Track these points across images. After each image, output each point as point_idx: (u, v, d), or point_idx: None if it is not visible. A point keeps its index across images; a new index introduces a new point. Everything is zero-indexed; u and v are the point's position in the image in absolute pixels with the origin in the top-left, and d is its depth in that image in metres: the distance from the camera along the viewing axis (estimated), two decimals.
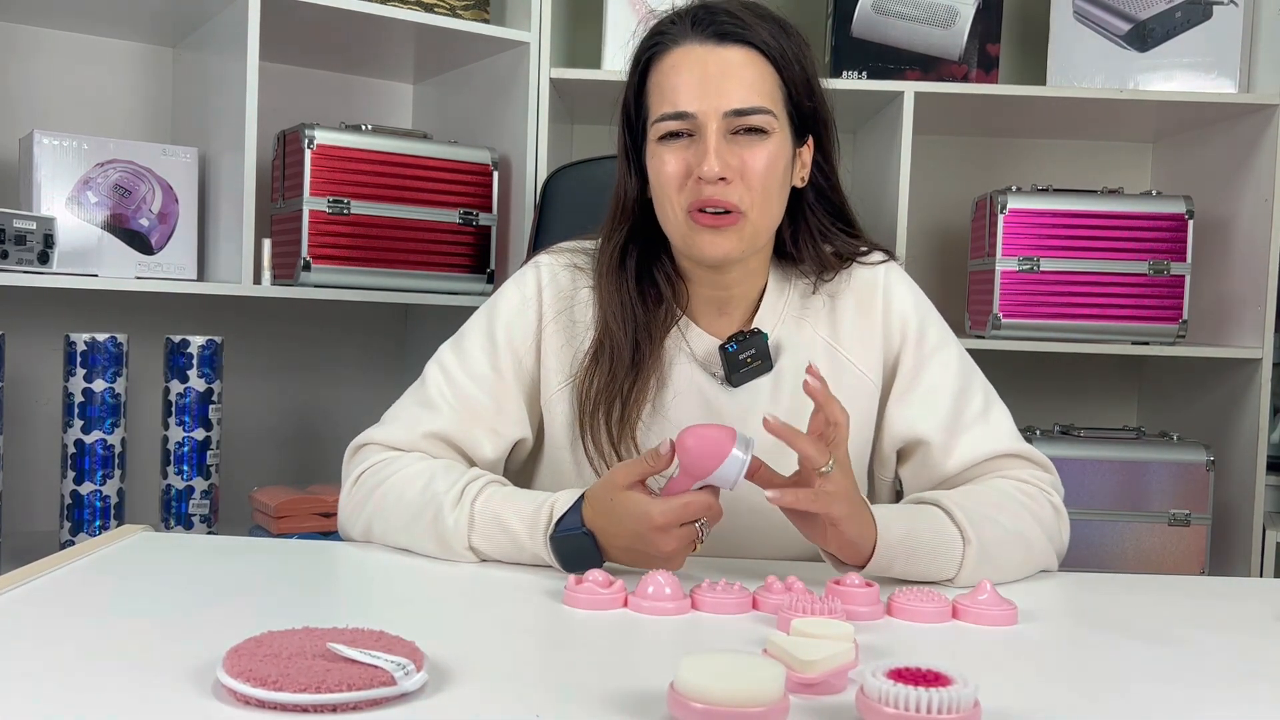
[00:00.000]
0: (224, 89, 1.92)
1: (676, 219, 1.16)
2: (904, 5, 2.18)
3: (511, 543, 1.08)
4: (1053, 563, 1.17)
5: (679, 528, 1.01)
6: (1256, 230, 2.16)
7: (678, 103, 1.13)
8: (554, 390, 1.24)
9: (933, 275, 2.49)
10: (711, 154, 1.11)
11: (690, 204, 1.13)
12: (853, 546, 1.03)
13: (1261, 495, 2.12)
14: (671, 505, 1.00)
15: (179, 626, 0.85)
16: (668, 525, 1.00)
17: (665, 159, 1.15)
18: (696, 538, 1.03)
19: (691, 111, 1.13)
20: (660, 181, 1.16)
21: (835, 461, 0.99)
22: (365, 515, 1.17)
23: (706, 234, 1.14)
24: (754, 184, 1.13)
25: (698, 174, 1.12)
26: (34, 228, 1.74)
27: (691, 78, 1.13)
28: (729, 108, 1.12)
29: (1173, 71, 2.17)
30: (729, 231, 1.14)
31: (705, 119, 1.12)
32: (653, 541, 1.01)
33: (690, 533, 1.02)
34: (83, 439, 1.76)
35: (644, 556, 1.03)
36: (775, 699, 0.66)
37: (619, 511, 1.02)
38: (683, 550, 1.03)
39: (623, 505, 1.02)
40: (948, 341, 1.27)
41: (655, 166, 1.16)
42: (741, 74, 1.13)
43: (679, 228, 1.16)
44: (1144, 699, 0.78)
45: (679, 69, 1.14)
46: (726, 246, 1.14)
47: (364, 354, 2.40)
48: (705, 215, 1.13)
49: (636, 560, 1.04)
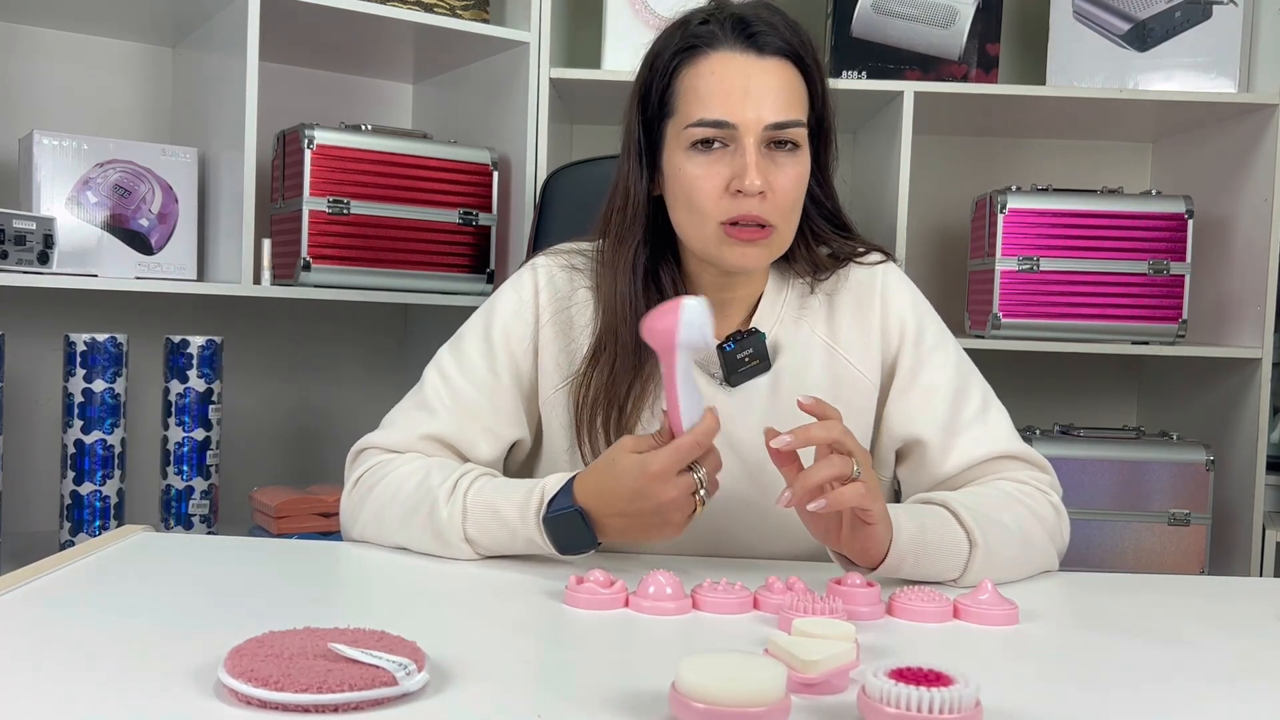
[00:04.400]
0: (224, 89, 1.92)
1: (706, 230, 1.14)
2: (904, 5, 2.18)
3: (505, 529, 1.08)
4: (1054, 563, 1.17)
5: (677, 476, 1.01)
6: (1256, 230, 2.16)
7: (719, 112, 1.12)
8: (551, 392, 1.24)
9: (932, 275, 2.49)
10: (753, 168, 1.10)
11: (727, 218, 1.13)
12: (876, 546, 1.02)
13: (1261, 495, 2.12)
14: (664, 451, 1.00)
15: (179, 627, 0.85)
16: (664, 472, 1.00)
17: (697, 168, 1.13)
18: (696, 490, 1.02)
19: (733, 123, 1.12)
20: (691, 189, 1.14)
21: (859, 461, 0.99)
22: (364, 516, 1.18)
23: (739, 247, 1.14)
24: (785, 200, 1.13)
25: (737, 187, 1.11)
26: (34, 228, 1.74)
27: (734, 88, 1.12)
28: (769, 121, 1.12)
29: (1172, 71, 2.18)
30: (761, 245, 1.14)
31: (745, 131, 1.11)
32: (651, 493, 1.00)
33: (689, 482, 1.01)
34: (83, 439, 1.76)
35: (642, 523, 1.02)
36: (776, 699, 0.66)
37: (618, 469, 1.02)
38: (683, 504, 1.02)
39: (621, 465, 1.02)
40: (946, 341, 1.27)
41: (685, 173, 1.14)
42: (780, 87, 1.13)
43: (709, 238, 1.15)
44: (1144, 699, 0.78)
45: (719, 77, 1.13)
46: (758, 257, 1.15)
47: (364, 354, 2.40)
48: (740, 230, 1.13)
49: (633, 530, 1.04)
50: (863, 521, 1.01)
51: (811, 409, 1.01)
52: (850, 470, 0.97)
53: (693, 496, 1.02)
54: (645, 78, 1.19)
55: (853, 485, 0.97)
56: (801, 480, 0.98)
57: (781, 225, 1.15)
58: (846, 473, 0.97)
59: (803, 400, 1.01)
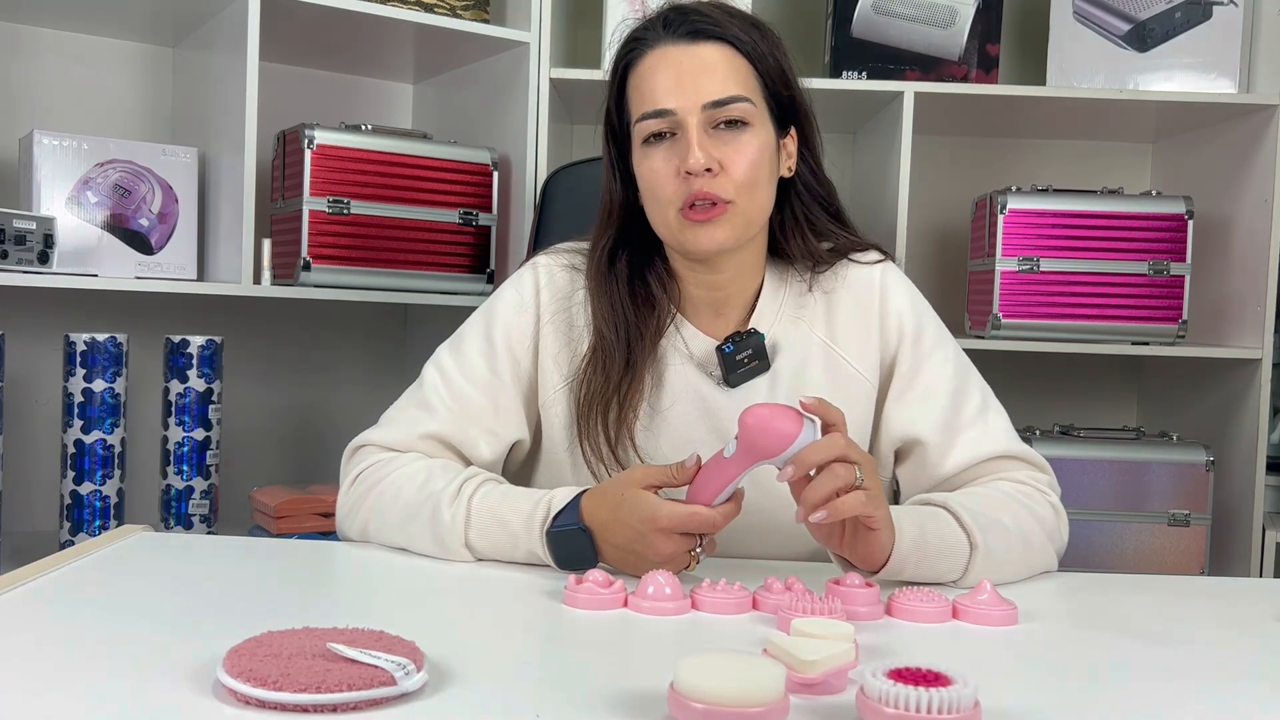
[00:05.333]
0: (224, 89, 1.92)
1: (667, 219, 1.16)
2: (904, 5, 2.18)
3: (508, 539, 1.08)
4: (1053, 563, 1.17)
5: (679, 536, 1.02)
6: (1256, 230, 2.16)
7: (657, 101, 1.15)
8: (552, 392, 1.24)
9: (932, 275, 2.49)
10: (694, 146, 1.12)
11: (682, 202, 1.14)
12: (879, 550, 1.02)
13: (1261, 495, 2.12)
14: (679, 511, 1.00)
15: (179, 626, 0.85)
16: (670, 530, 1.01)
17: (652, 161, 1.16)
18: (691, 551, 1.03)
19: (670, 108, 1.14)
20: (650, 183, 1.17)
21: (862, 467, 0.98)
22: (362, 514, 1.18)
23: (697, 228, 1.15)
24: (739, 174, 1.14)
25: (684, 169, 1.13)
26: (34, 228, 1.74)
27: (668, 76, 1.15)
28: (707, 100, 1.14)
29: (1172, 72, 2.17)
30: (720, 221, 1.15)
31: (685, 114, 1.14)
32: (651, 543, 1.01)
33: (689, 543, 1.03)
34: (82, 439, 1.76)
35: (637, 560, 1.03)
36: (775, 699, 0.66)
37: (626, 506, 1.02)
38: (677, 560, 1.03)
39: (632, 501, 1.02)
40: (945, 342, 1.27)
41: (643, 170, 1.17)
42: (716, 68, 1.15)
43: (671, 227, 1.17)
44: (1144, 699, 0.78)
45: (655, 70, 1.16)
46: (720, 236, 1.15)
47: (364, 354, 2.40)
48: (695, 211, 1.14)
49: (627, 563, 1.04)
50: (866, 527, 1.01)
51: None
52: (853, 479, 0.97)
53: (688, 553, 1.03)
54: (607, 92, 1.24)
55: (855, 494, 0.97)
56: (806, 496, 0.98)
57: (740, 199, 1.15)
58: (850, 481, 0.97)
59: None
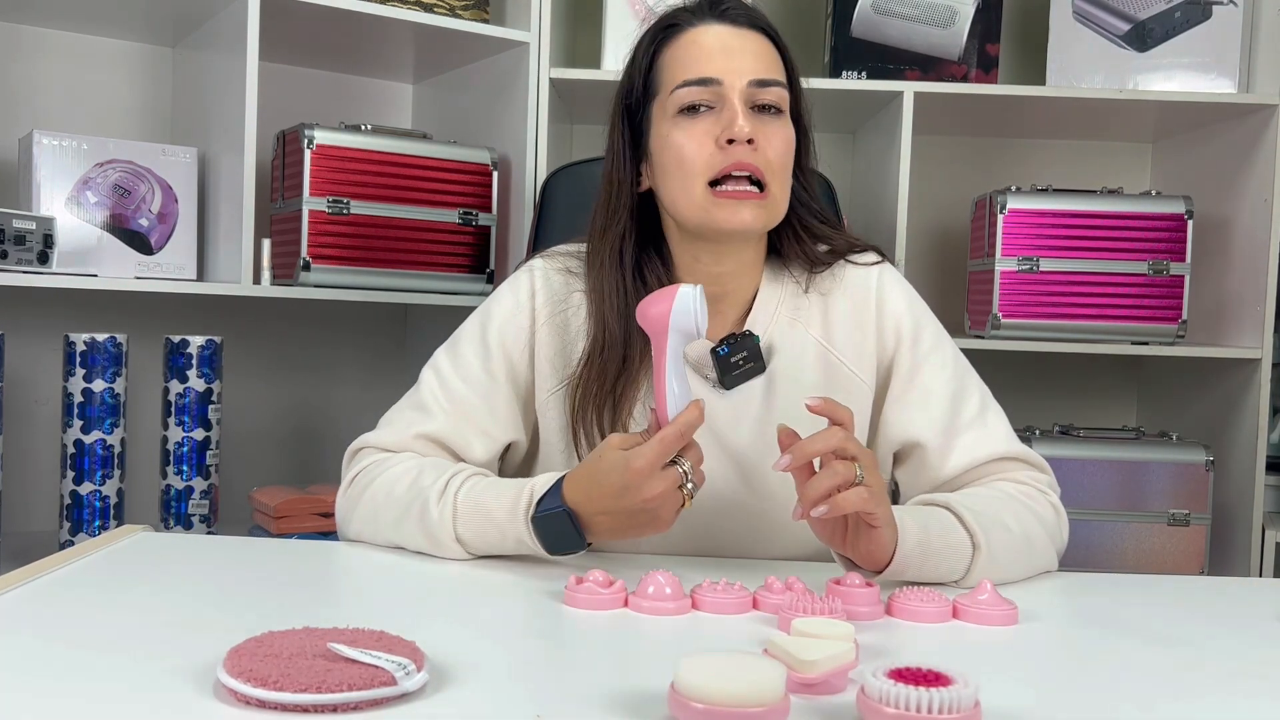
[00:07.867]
0: (224, 89, 1.92)
1: (693, 194, 1.14)
2: (904, 5, 2.18)
3: (494, 529, 1.08)
4: (1054, 563, 1.17)
5: (663, 470, 1.00)
6: (1256, 230, 2.16)
7: (701, 70, 1.14)
8: (548, 394, 1.24)
9: (932, 275, 2.49)
10: (741, 115, 1.12)
11: (717, 172, 1.13)
12: (882, 550, 1.02)
13: (1261, 495, 2.12)
14: (648, 446, 1.00)
15: (179, 626, 0.85)
16: (649, 466, 0.99)
17: (687, 130, 1.14)
18: (682, 484, 1.01)
19: (716, 77, 1.14)
20: (679, 155, 1.15)
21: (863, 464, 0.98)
22: (358, 515, 1.18)
23: (730, 205, 1.13)
24: (775, 157, 1.14)
25: (728, 136, 1.12)
26: (34, 228, 1.74)
27: (714, 47, 1.15)
28: (752, 77, 1.14)
29: (1172, 71, 2.18)
30: (752, 204, 1.14)
31: (729, 87, 1.13)
32: (638, 490, 1.00)
33: (675, 475, 1.01)
34: (82, 439, 1.76)
35: (629, 520, 1.02)
36: (776, 699, 0.66)
37: (603, 467, 1.02)
38: (670, 498, 1.01)
39: (607, 461, 1.02)
40: (943, 343, 1.26)
41: (673, 140, 1.15)
42: (759, 51, 1.16)
43: (697, 202, 1.15)
44: (1144, 699, 0.78)
45: (698, 42, 1.16)
46: (747, 217, 1.14)
47: (364, 354, 2.40)
48: (728, 191, 1.13)
49: (622, 527, 1.03)
50: (868, 525, 1.00)
51: (821, 410, 1.00)
52: (853, 475, 0.97)
53: (679, 490, 1.02)
54: (627, 69, 1.23)
55: (856, 489, 0.97)
56: (806, 492, 0.97)
57: (773, 186, 1.14)
58: (850, 478, 0.97)
59: (811, 403, 1.00)
